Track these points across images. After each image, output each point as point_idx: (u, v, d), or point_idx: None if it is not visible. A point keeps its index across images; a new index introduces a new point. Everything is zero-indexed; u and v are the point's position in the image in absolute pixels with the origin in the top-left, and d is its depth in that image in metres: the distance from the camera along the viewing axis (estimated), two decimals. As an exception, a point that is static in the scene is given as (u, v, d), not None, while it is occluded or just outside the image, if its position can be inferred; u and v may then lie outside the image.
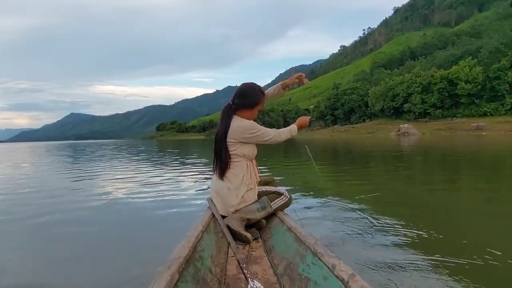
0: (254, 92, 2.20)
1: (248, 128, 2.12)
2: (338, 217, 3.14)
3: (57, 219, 3.52)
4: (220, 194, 2.14)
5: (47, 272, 2.22)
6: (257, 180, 2.26)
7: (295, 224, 1.82)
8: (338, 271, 1.15)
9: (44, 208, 4.06)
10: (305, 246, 1.48)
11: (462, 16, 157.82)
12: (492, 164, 8.45)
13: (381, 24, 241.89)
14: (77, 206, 4.13)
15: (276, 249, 1.81)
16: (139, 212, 3.79)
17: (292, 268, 1.47)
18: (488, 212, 3.43)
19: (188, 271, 1.27)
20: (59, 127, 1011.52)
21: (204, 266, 1.44)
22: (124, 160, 12.36)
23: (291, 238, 1.70)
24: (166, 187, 5.32)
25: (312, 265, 1.35)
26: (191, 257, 1.34)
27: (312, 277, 1.31)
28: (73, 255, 2.49)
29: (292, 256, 1.56)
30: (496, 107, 52.50)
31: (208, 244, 1.65)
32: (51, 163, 12.46)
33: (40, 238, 2.98)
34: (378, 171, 7.65)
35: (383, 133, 52.52)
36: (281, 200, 2.21)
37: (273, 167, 8.17)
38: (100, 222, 3.41)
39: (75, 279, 2.06)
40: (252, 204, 2.13)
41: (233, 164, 2.14)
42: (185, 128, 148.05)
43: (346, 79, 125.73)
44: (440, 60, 73.53)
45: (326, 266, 1.23)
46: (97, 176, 7.33)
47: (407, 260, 2.09)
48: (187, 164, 9.84)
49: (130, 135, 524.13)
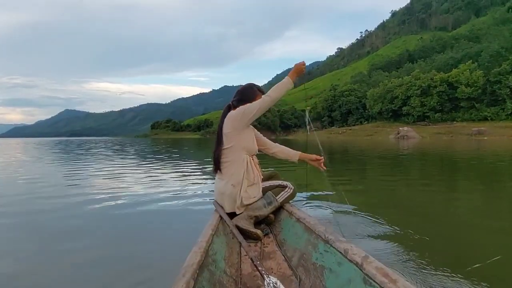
0: (250, 89, 2.27)
1: (235, 113, 2.16)
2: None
3: (57, 219, 3.23)
4: (225, 193, 2.14)
5: (42, 276, 1.99)
6: (260, 176, 2.25)
7: (303, 214, 1.82)
8: (351, 255, 1.17)
9: (45, 211, 3.60)
10: (316, 234, 1.50)
11: (459, 21, 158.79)
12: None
13: (378, 27, 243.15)
14: (71, 210, 3.66)
15: (287, 242, 1.82)
16: (142, 215, 3.38)
17: (306, 258, 1.49)
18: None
19: (203, 276, 1.26)
20: (53, 123, 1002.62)
21: (219, 269, 1.45)
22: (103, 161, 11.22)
23: (301, 229, 1.72)
24: (168, 187, 4.95)
25: (325, 252, 1.38)
26: (204, 262, 1.33)
27: (326, 265, 1.33)
28: (72, 260, 2.20)
29: (304, 246, 1.58)
30: (496, 112, 51.91)
31: (219, 247, 1.64)
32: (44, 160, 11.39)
33: (35, 238, 2.74)
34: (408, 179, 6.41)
35: (382, 136, 51.77)
36: (286, 192, 2.22)
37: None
38: (97, 227, 3.01)
39: (71, 285, 1.88)
40: (258, 201, 2.13)
41: (233, 160, 2.14)
42: (180, 127, 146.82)
43: (343, 81, 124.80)
44: (439, 63, 72.99)
45: (339, 251, 1.25)
46: (89, 176, 6.73)
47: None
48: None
49: (124, 133, 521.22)
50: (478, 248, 2.29)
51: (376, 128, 61.35)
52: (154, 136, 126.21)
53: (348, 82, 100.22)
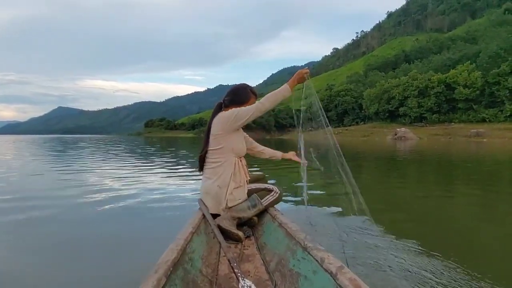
0: (244, 90, 2.22)
1: (226, 115, 2.09)
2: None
3: (39, 218, 3.20)
4: (210, 193, 2.12)
5: (27, 274, 2.01)
6: (246, 178, 2.23)
7: (286, 219, 1.80)
8: (327, 264, 1.15)
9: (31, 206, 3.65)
10: (295, 241, 1.48)
11: (455, 23, 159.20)
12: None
13: (374, 28, 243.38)
14: (57, 206, 3.67)
15: (268, 246, 1.80)
16: (125, 213, 3.39)
17: (284, 264, 1.48)
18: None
19: (177, 274, 1.24)
20: (46, 120, 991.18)
21: (195, 268, 1.43)
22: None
23: (282, 234, 1.69)
24: (154, 186, 5.04)
25: (302, 259, 1.36)
26: (180, 260, 1.31)
27: (302, 272, 1.31)
28: (53, 258, 2.26)
29: (283, 252, 1.56)
30: (495, 114, 51.16)
31: (198, 246, 1.64)
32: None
33: (20, 236, 2.74)
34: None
35: (379, 137, 50.84)
36: (271, 196, 2.18)
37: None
38: (78, 222, 3.11)
39: (53, 283, 1.89)
40: (242, 203, 2.11)
41: (221, 161, 2.11)
42: (174, 125, 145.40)
43: (338, 81, 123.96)
44: (436, 63, 72.34)
45: (316, 260, 1.23)
46: (80, 174, 6.75)
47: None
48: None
49: (118, 131, 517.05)
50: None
51: (373, 129, 60.47)
52: (148, 135, 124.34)
53: (344, 82, 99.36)
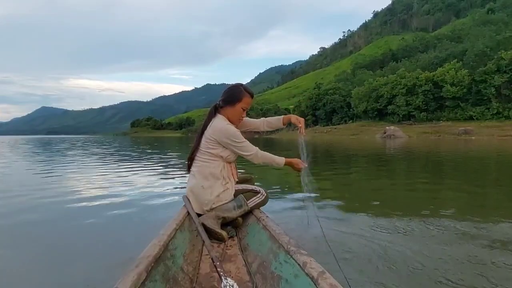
0: (236, 89, 2.20)
1: (231, 134, 2.07)
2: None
3: (20, 219, 3.20)
4: (194, 192, 2.10)
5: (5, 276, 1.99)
6: (234, 180, 2.23)
7: (270, 222, 1.80)
8: (308, 268, 1.15)
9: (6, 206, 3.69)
10: (279, 244, 1.48)
11: (440, 22, 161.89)
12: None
13: (360, 27, 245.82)
14: (40, 205, 3.68)
15: (250, 247, 1.80)
16: (106, 211, 3.39)
17: (265, 266, 1.48)
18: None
19: (158, 270, 1.23)
20: (29, 121, 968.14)
21: (176, 265, 1.43)
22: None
23: (266, 236, 1.69)
24: (139, 184, 5.08)
25: (284, 263, 1.36)
26: (161, 256, 1.31)
27: (283, 275, 1.31)
28: (33, 257, 2.26)
29: (266, 254, 1.56)
30: (482, 111, 51.31)
31: (181, 243, 1.62)
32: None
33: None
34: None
35: (368, 135, 50.43)
36: (257, 198, 2.19)
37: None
38: (61, 222, 3.11)
39: (33, 283, 1.88)
40: (228, 203, 2.10)
41: (209, 162, 2.10)
42: (161, 125, 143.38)
43: (326, 80, 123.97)
44: (424, 62, 72.51)
45: (298, 263, 1.23)
46: (61, 174, 6.68)
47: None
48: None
49: (104, 131, 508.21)
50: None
51: (362, 127, 60.13)
52: (134, 135, 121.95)
53: (332, 81, 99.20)
